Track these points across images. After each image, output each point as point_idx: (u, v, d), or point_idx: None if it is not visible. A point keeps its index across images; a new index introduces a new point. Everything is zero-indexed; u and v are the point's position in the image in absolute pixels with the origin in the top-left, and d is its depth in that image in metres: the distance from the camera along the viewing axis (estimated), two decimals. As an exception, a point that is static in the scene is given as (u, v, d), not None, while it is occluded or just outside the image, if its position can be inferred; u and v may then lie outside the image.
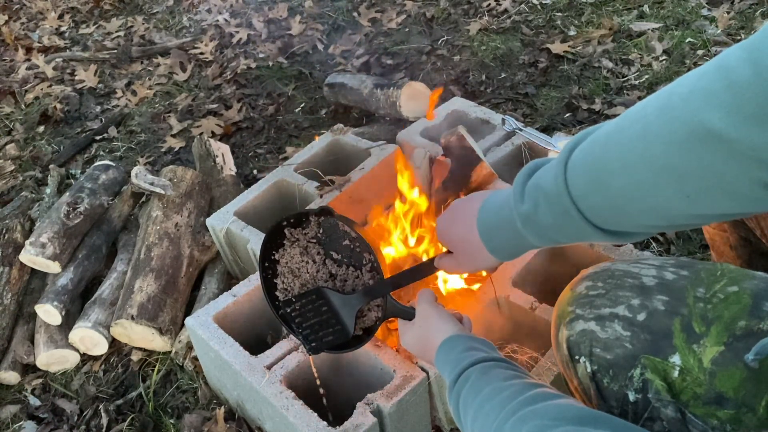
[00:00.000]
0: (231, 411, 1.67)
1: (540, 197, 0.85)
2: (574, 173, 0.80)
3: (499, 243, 0.96)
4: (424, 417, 1.45)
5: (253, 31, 3.24)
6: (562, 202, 0.82)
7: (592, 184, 0.79)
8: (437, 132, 1.95)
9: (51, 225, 1.94)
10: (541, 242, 0.90)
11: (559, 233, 0.86)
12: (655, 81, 2.50)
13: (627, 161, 0.74)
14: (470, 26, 2.99)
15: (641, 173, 0.73)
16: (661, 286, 0.95)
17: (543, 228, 0.87)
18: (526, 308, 1.44)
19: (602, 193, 0.78)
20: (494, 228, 0.96)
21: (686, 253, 1.88)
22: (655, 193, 0.73)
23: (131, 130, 2.80)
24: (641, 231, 0.83)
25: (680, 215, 0.74)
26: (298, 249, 1.28)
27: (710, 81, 0.65)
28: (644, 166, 0.72)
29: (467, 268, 1.08)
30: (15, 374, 1.85)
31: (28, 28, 3.67)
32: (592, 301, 0.98)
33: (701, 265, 0.98)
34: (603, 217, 0.80)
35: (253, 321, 1.63)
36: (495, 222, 0.95)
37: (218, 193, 2.16)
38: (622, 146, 0.74)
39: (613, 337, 0.93)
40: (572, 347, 0.98)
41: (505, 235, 0.94)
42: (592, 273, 1.03)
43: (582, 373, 0.97)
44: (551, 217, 0.84)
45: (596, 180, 0.78)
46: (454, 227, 1.04)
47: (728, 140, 0.63)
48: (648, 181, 0.73)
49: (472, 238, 0.98)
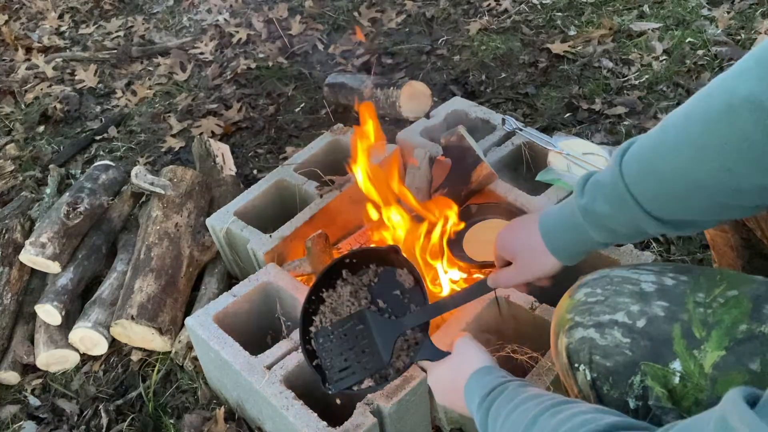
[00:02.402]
0: (231, 411, 1.67)
1: (598, 190, 0.95)
2: (628, 165, 0.91)
3: (561, 242, 1.03)
4: (424, 417, 1.45)
5: (253, 31, 3.24)
6: (618, 191, 0.91)
7: (644, 171, 0.89)
8: (437, 132, 1.95)
9: (51, 225, 1.94)
10: (601, 234, 0.97)
11: (616, 222, 0.94)
12: (655, 81, 2.50)
13: (672, 144, 0.85)
14: (470, 26, 2.99)
15: (685, 152, 0.84)
16: (660, 292, 0.94)
17: (601, 218, 0.95)
18: (526, 308, 1.44)
19: (653, 177, 0.88)
20: (556, 227, 1.03)
21: (686, 254, 1.88)
22: (698, 169, 0.83)
23: (131, 130, 2.80)
24: (690, 218, 0.90)
25: (723, 191, 0.82)
26: (348, 290, 1.27)
27: (742, 61, 0.78)
28: (687, 145, 0.83)
29: (527, 276, 1.10)
30: (15, 374, 1.85)
31: (28, 28, 3.66)
32: (591, 308, 0.97)
33: (700, 270, 0.97)
34: (655, 203, 0.89)
35: (253, 321, 1.63)
36: (557, 221, 1.03)
37: (218, 193, 2.16)
38: (668, 134, 0.87)
39: (613, 344, 0.93)
40: (572, 355, 0.97)
41: (567, 232, 1.01)
42: (590, 280, 1.02)
43: (582, 381, 0.96)
44: (608, 206, 0.93)
45: (647, 166, 0.89)
46: (515, 236, 1.10)
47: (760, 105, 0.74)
48: (692, 159, 0.83)
49: (534, 243, 1.04)
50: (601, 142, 2.18)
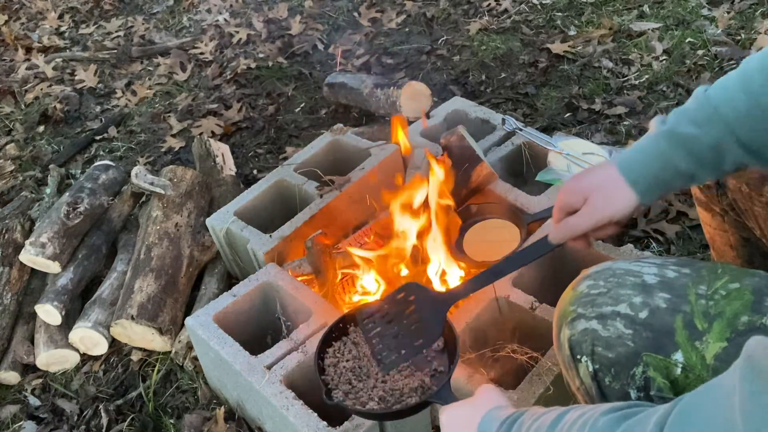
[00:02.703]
0: (231, 411, 1.67)
1: (682, 115, 0.98)
2: (714, 91, 0.96)
3: (642, 171, 1.01)
4: (424, 417, 1.45)
5: (253, 31, 3.24)
6: (706, 111, 0.96)
7: (734, 87, 0.95)
8: (437, 132, 1.95)
9: (51, 225, 1.94)
10: (684, 159, 0.98)
11: (701, 144, 0.96)
12: (655, 81, 2.50)
13: (759, 66, 0.93)
14: (470, 26, 2.99)
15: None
16: (662, 284, 0.95)
17: (687, 140, 0.97)
18: (526, 308, 1.44)
19: (743, 92, 0.94)
20: (636, 158, 1.01)
21: (686, 253, 1.88)
22: None
23: (131, 130, 2.80)
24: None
25: None
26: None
27: None
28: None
29: (598, 217, 1.03)
30: (15, 374, 1.85)
31: (28, 28, 3.67)
32: (594, 299, 0.97)
33: (702, 263, 0.98)
34: (743, 121, 0.94)
35: (253, 321, 1.63)
36: (637, 152, 1.02)
37: (218, 193, 2.16)
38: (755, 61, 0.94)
39: (615, 335, 0.93)
40: (574, 347, 0.97)
41: (649, 161, 1.00)
42: (593, 272, 1.02)
43: (584, 372, 0.97)
44: (694, 126, 0.97)
45: (736, 86, 0.95)
46: (588, 176, 1.06)
47: None
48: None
49: (609, 177, 1.02)
50: (601, 142, 2.18)
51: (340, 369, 1.20)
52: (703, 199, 1.27)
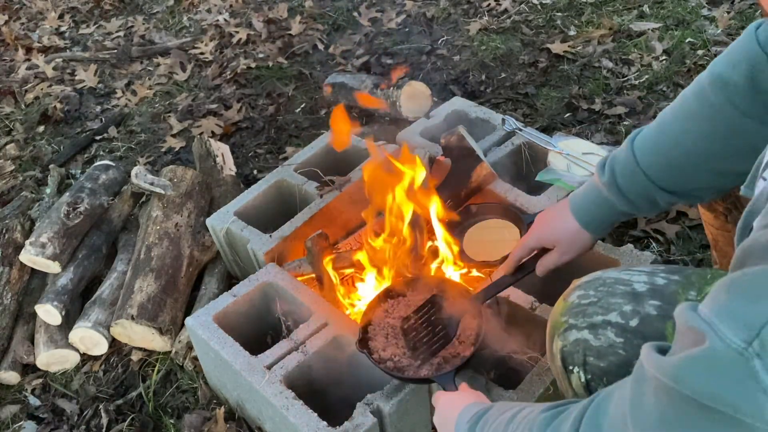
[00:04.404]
0: (231, 411, 1.67)
1: (615, 166, 1.10)
2: (638, 144, 1.08)
3: (591, 216, 1.16)
4: (424, 417, 1.45)
5: (253, 31, 3.24)
6: (631, 167, 1.07)
7: (651, 147, 1.06)
8: (437, 132, 1.95)
9: (51, 225, 1.94)
10: (624, 204, 1.11)
11: (633, 194, 1.09)
12: (655, 81, 2.50)
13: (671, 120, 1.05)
14: (470, 26, 2.99)
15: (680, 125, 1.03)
16: (652, 292, 0.95)
17: (622, 190, 1.09)
18: (526, 308, 1.44)
19: (658, 151, 1.05)
20: (585, 204, 1.16)
21: (686, 253, 1.88)
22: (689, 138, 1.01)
23: (131, 130, 2.80)
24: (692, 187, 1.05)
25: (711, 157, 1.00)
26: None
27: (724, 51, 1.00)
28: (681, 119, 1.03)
29: (570, 255, 1.20)
30: (15, 374, 1.85)
31: (28, 28, 3.66)
32: (585, 309, 0.98)
33: (691, 269, 1.00)
34: (661, 174, 1.05)
35: (253, 321, 1.63)
36: (584, 199, 1.17)
37: (218, 193, 2.16)
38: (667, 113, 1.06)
39: (607, 344, 0.93)
40: (566, 357, 0.98)
41: (595, 208, 1.15)
42: (583, 282, 1.03)
43: (576, 383, 0.97)
44: (624, 180, 1.09)
45: (653, 143, 1.06)
46: (550, 225, 1.22)
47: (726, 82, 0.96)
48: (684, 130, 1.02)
49: (568, 224, 1.17)
50: (601, 142, 2.18)
51: (384, 324, 1.36)
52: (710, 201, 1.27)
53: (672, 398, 0.60)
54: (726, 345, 0.55)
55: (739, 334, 0.54)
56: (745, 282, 0.57)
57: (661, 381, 0.61)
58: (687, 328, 0.61)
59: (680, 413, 0.60)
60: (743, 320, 0.55)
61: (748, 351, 0.54)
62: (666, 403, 0.61)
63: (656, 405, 0.62)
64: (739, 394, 0.55)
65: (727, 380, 0.55)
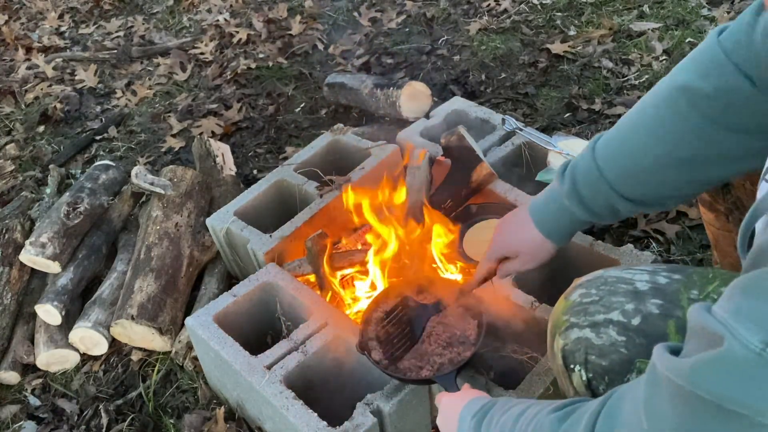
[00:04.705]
0: (231, 411, 1.67)
1: (577, 175, 1.07)
2: (599, 151, 1.05)
3: (553, 225, 1.13)
4: (424, 417, 1.45)
5: (253, 31, 3.24)
6: (593, 175, 1.05)
7: (612, 154, 1.03)
8: (437, 132, 1.95)
9: (51, 225, 1.94)
10: (584, 214, 1.08)
11: (594, 203, 1.07)
12: (655, 81, 2.48)
13: (632, 128, 1.02)
14: (470, 26, 2.99)
15: (641, 133, 1.00)
16: (654, 290, 0.95)
17: (583, 199, 1.07)
18: (526, 308, 1.44)
19: (620, 158, 1.02)
20: (546, 213, 1.14)
21: (686, 254, 1.88)
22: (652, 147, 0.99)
23: (131, 130, 2.80)
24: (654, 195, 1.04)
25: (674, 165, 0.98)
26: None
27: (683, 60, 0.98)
28: (643, 128, 1.01)
29: (532, 264, 1.19)
30: (15, 374, 1.85)
31: (28, 28, 3.67)
32: (586, 308, 0.97)
33: (693, 269, 0.99)
34: (623, 182, 1.03)
35: (253, 321, 1.63)
36: (545, 208, 1.14)
37: (218, 193, 2.16)
38: (629, 121, 1.03)
39: (608, 343, 0.93)
40: (567, 356, 0.97)
41: (556, 217, 1.12)
42: (585, 281, 1.03)
43: (577, 382, 0.96)
44: (585, 189, 1.06)
45: (615, 150, 1.03)
46: (512, 234, 1.19)
47: (691, 90, 0.94)
48: (646, 139, 1.00)
49: (531, 234, 1.15)
50: (601, 142, 2.17)
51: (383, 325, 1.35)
52: (707, 199, 1.27)
53: (689, 401, 0.59)
54: (744, 346, 0.55)
55: (756, 335, 0.54)
56: (760, 282, 0.57)
57: (676, 384, 0.60)
58: (701, 328, 0.60)
59: (698, 416, 0.59)
60: (760, 321, 0.55)
61: (767, 352, 0.53)
62: (682, 406, 0.60)
63: (672, 408, 0.62)
64: (758, 396, 0.54)
65: (745, 382, 0.55)
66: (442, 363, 1.28)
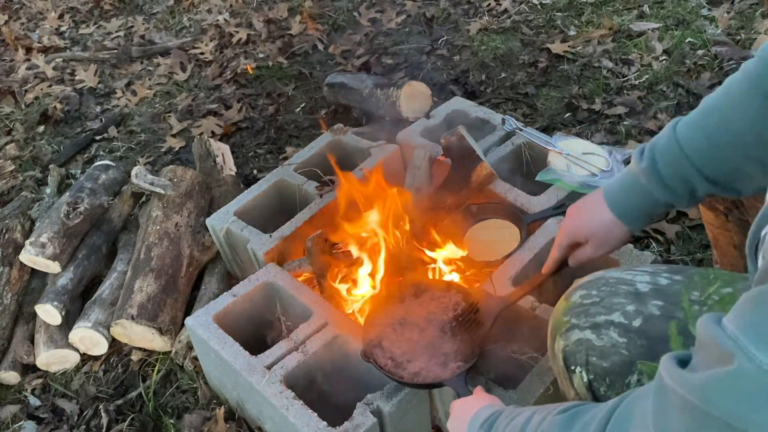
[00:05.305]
0: (231, 411, 1.67)
1: (657, 153, 1.05)
2: (681, 129, 1.03)
3: (628, 206, 1.10)
4: (424, 417, 1.45)
5: (253, 31, 3.24)
6: (673, 151, 1.03)
7: (694, 131, 1.02)
8: (437, 132, 1.94)
9: (51, 225, 1.94)
10: (663, 193, 1.06)
11: (674, 180, 1.04)
12: (655, 81, 2.50)
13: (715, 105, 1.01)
14: (470, 26, 2.99)
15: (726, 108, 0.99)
16: (655, 292, 0.95)
17: (662, 177, 1.05)
18: (526, 308, 1.44)
19: (702, 134, 1.01)
20: (621, 194, 1.11)
21: (686, 254, 1.88)
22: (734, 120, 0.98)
23: (131, 130, 2.80)
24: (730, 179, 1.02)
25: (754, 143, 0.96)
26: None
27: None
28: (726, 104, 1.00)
29: (604, 250, 1.15)
30: (15, 374, 1.85)
31: (28, 28, 3.67)
32: (587, 309, 0.97)
33: (694, 269, 0.99)
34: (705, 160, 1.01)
35: (253, 321, 1.63)
36: (621, 188, 1.11)
37: (218, 193, 2.16)
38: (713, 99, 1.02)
39: (609, 344, 0.93)
40: (568, 357, 0.97)
41: (633, 197, 1.09)
42: (585, 282, 1.03)
43: (578, 383, 0.96)
44: (665, 166, 1.04)
45: (697, 127, 1.02)
46: (582, 218, 1.16)
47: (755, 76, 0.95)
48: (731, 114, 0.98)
49: (604, 218, 1.12)
50: (601, 142, 2.18)
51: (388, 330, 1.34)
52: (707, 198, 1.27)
53: (699, 418, 0.59)
54: (755, 366, 0.55)
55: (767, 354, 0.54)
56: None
57: (687, 399, 0.60)
58: (711, 342, 0.60)
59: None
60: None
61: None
62: (692, 421, 0.60)
63: (682, 423, 0.62)
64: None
65: (755, 401, 0.55)
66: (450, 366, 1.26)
